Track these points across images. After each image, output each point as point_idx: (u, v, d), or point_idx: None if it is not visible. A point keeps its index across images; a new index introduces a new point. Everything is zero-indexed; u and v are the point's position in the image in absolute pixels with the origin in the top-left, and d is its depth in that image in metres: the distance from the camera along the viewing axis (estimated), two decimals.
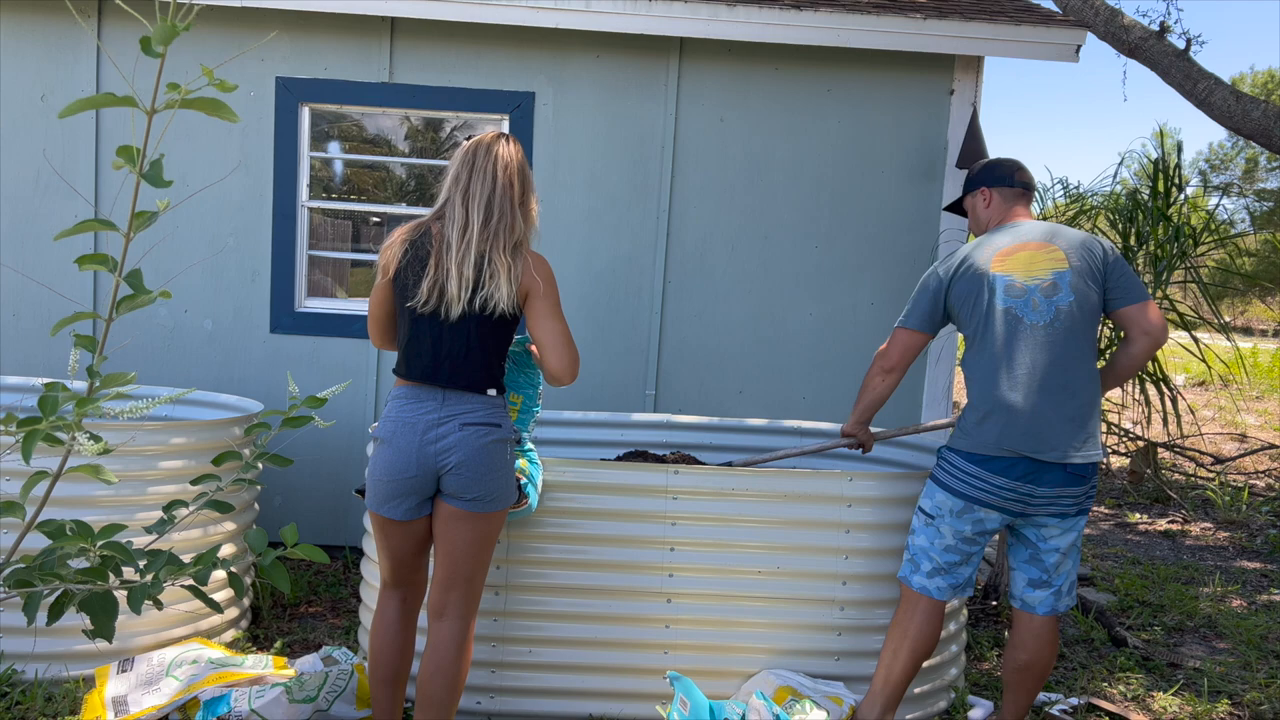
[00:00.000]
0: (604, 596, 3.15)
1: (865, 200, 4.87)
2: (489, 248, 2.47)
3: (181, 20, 1.20)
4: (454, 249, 2.46)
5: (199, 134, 4.67)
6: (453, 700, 2.60)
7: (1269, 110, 5.83)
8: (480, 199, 2.49)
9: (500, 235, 2.49)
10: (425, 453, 2.48)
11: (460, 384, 2.51)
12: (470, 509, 2.53)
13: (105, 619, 1.47)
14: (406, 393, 2.55)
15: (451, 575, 2.58)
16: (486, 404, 2.55)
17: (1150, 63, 6.41)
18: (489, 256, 2.47)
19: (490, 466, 2.51)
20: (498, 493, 2.56)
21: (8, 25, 4.64)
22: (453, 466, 2.48)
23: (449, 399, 2.51)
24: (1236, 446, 9.30)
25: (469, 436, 2.48)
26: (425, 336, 2.52)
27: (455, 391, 2.52)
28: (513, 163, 2.56)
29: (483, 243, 2.47)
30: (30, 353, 4.73)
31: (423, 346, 2.53)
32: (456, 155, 2.58)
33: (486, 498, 2.53)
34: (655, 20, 4.48)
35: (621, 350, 4.87)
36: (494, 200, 2.50)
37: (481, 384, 2.55)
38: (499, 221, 2.49)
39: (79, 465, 1.51)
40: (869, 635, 3.23)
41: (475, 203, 2.49)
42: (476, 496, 2.52)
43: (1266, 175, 20.79)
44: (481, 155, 2.54)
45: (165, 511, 1.70)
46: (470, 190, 2.50)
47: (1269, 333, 31.50)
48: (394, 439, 2.51)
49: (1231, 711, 3.59)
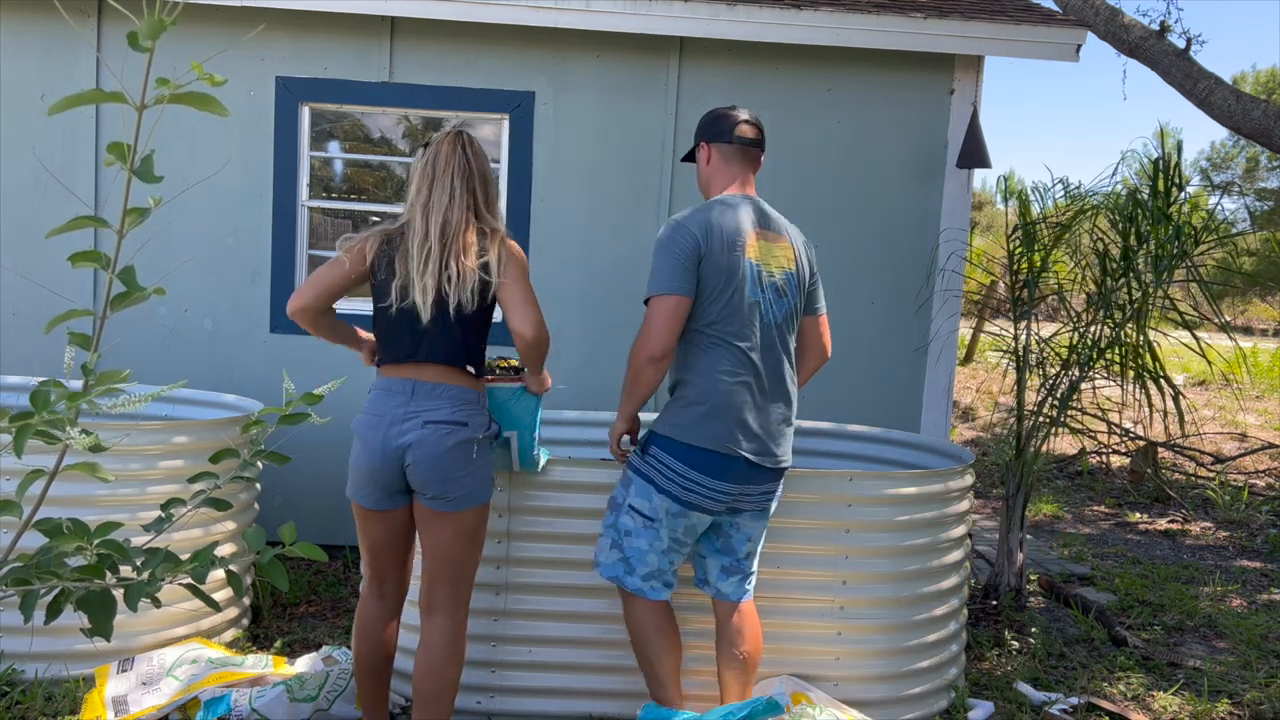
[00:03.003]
0: (604, 596, 3.14)
1: (865, 200, 4.87)
2: (448, 257, 2.54)
3: (169, 15, 1.20)
4: (414, 258, 2.54)
5: (198, 134, 4.67)
6: (447, 698, 2.62)
7: (1269, 110, 5.83)
8: (438, 211, 2.56)
9: (456, 245, 2.55)
10: (389, 447, 2.53)
11: (438, 360, 2.56)
12: (435, 507, 2.57)
13: (103, 617, 1.47)
14: (381, 384, 2.62)
15: (434, 571, 2.63)
16: (456, 400, 2.58)
17: (1150, 62, 6.41)
18: (447, 265, 2.53)
19: (450, 466, 2.54)
20: (460, 492, 2.57)
21: (7, 25, 4.64)
22: (411, 464, 2.53)
23: (419, 392, 2.56)
24: (1236, 446, 9.29)
25: (429, 435, 2.52)
26: (401, 329, 2.59)
27: (428, 383, 2.56)
28: (471, 168, 2.61)
29: (442, 253, 2.54)
30: (30, 351, 4.72)
31: (400, 338, 2.59)
32: (416, 165, 2.64)
33: (448, 496, 2.55)
34: (655, 20, 4.47)
35: (621, 350, 4.82)
36: (452, 210, 2.56)
37: (460, 360, 2.60)
38: (456, 233, 2.55)
39: (76, 464, 1.51)
40: (869, 635, 3.22)
41: (434, 215, 2.55)
42: (437, 495, 2.55)
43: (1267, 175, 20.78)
44: (441, 165, 2.59)
45: (163, 510, 1.69)
46: (430, 203, 2.57)
47: (1269, 332, 31.48)
48: (363, 430, 2.58)
49: (1231, 711, 3.58)
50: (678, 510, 2.69)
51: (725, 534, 2.83)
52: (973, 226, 5.08)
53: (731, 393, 2.66)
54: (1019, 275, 4.52)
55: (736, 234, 2.68)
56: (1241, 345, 4.88)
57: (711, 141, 2.83)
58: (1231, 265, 4.97)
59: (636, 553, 2.75)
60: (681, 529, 2.73)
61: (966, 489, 3.43)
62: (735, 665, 2.87)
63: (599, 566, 2.85)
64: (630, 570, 2.77)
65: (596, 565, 2.86)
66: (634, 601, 2.80)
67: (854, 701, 3.15)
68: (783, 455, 2.78)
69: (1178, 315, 4.29)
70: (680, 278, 2.62)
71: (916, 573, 3.26)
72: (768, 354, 2.72)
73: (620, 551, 2.78)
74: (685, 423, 2.67)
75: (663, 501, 2.70)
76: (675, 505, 2.69)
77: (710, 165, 2.85)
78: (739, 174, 2.83)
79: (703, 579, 2.91)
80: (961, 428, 10.32)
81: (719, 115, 2.85)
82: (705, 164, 2.86)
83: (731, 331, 2.67)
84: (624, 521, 2.78)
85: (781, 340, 2.76)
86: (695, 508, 2.69)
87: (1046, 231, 4.51)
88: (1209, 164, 22.33)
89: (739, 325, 2.67)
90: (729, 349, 2.67)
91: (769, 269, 2.73)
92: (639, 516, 2.74)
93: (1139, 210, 4.23)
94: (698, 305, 2.66)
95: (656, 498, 2.71)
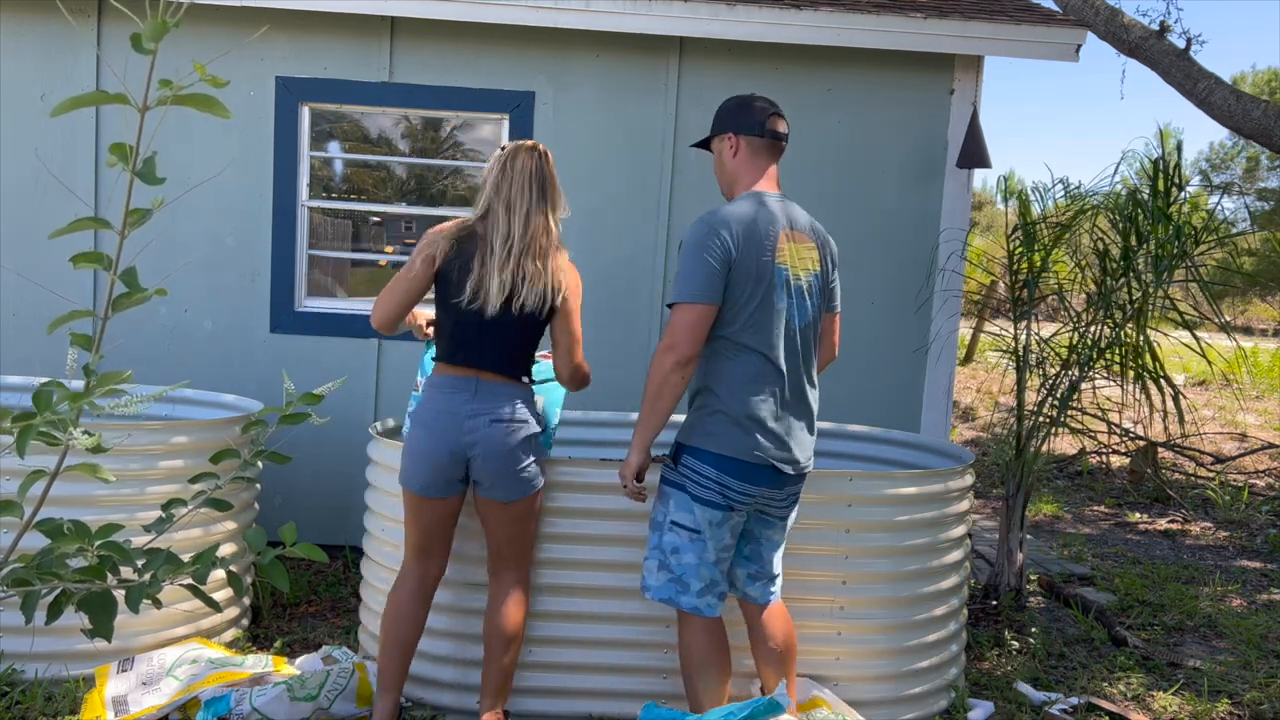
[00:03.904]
0: (604, 596, 3.15)
1: (865, 200, 4.86)
2: (525, 256, 2.72)
3: (172, 17, 1.20)
4: (496, 254, 2.71)
5: (198, 134, 4.67)
6: (512, 649, 2.88)
7: (1269, 110, 5.83)
8: (521, 210, 2.74)
9: (535, 244, 2.74)
10: (460, 442, 2.73)
11: (497, 370, 2.77)
12: (493, 497, 2.80)
13: (104, 618, 1.47)
14: (444, 381, 2.80)
15: (495, 546, 2.91)
16: (516, 397, 2.79)
17: (1150, 62, 6.41)
18: (523, 263, 2.72)
19: (512, 461, 2.75)
20: (517, 483, 2.79)
21: (7, 25, 4.64)
22: (478, 458, 2.74)
23: (482, 390, 2.76)
24: (1236, 446, 9.30)
25: (495, 433, 2.73)
26: (468, 327, 2.75)
27: (489, 381, 2.76)
28: (549, 176, 2.81)
29: (521, 251, 2.72)
30: (30, 352, 4.72)
31: (466, 336, 2.77)
32: (494, 163, 2.81)
33: (507, 487, 2.78)
34: (655, 20, 4.47)
35: (622, 350, 4.86)
36: (532, 213, 2.75)
37: (517, 371, 2.81)
38: (535, 232, 2.74)
39: (77, 464, 1.51)
40: (869, 635, 3.22)
41: (516, 214, 2.73)
42: (496, 485, 2.78)
43: (1267, 175, 20.78)
44: (520, 166, 2.77)
45: (164, 510, 1.69)
46: (512, 202, 2.74)
47: (1269, 332, 31.48)
48: (432, 424, 2.76)
49: (1231, 711, 3.58)
50: (720, 518, 2.65)
51: (754, 541, 2.82)
52: (973, 226, 5.08)
53: (757, 402, 2.61)
54: (1019, 275, 4.52)
55: (767, 236, 2.60)
56: (1242, 345, 4.87)
57: (741, 133, 2.71)
58: (1231, 265, 4.97)
59: (688, 569, 2.68)
60: (727, 534, 2.70)
61: (966, 489, 3.43)
62: (772, 659, 2.87)
63: (648, 591, 2.75)
64: (684, 589, 2.69)
65: (646, 590, 2.76)
66: (690, 622, 2.72)
67: (854, 701, 3.15)
68: (806, 460, 2.75)
69: (1178, 315, 4.29)
70: (710, 285, 2.54)
71: (916, 573, 3.26)
72: (791, 360, 2.67)
73: (669, 571, 2.70)
74: (713, 431, 2.62)
75: (704, 512, 2.65)
76: (717, 513, 2.64)
77: (737, 158, 2.72)
78: (765, 168, 2.72)
79: (730, 583, 2.88)
80: (961, 428, 10.32)
81: (747, 105, 2.74)
82: (731, 156, 2.73)
83: (757, 339, 2.60)
84: (669, 540, 2.70)
85: (804, 344, 2.71)
86: (734, 509, 2.67)
87: (1046, 231, 4.51)
88: (1209, 164, 22.33)
89: (765, 333, 2.61)
90: (754, 356, 2.62)
91: (795, 272, 2.66)
92: (684, 531, 2.67)
93: (1139, 210, 4.23)
94: (723, 310, 2.59)
95: (698, 509, 2.65)
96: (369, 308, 2.78)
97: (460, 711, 3.16)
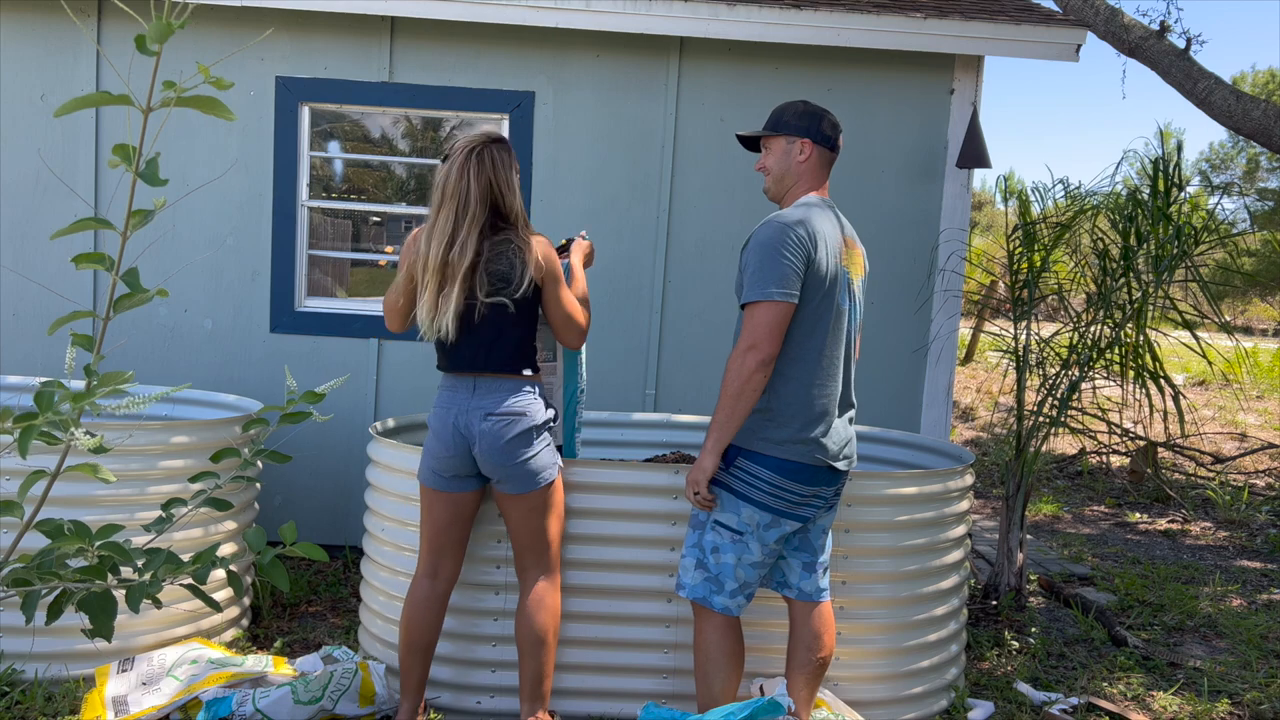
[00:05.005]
0: (605, 596, 3.15)
1: (865, 200, 4.86)
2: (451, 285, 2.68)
3: (176, 19, 1.20)
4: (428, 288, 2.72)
5: (198, 134, 4.67)
6: (542, 650, 2.88)
7: (1269, 110, 5.83)
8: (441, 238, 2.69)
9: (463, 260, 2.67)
10: (458, 439, 2.78)
11: (493, 368, 2.78)
12: (505, 489, 2.83)
13: (104, 618, 1.47)
14: (447, 382, 2.85)
15: (519, 543, 2.93)
16: (514, 391, 2.79)
17: (1150, 62, 6.41)
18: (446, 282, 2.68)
19: (511, 454, 2.76)
20: (525, 475, 2.80)
21: (8, 25, 4.64)
22: (478, 454, 2.78)
23: (480, 387, 2.78)
24: (1236, 446, 9.30)
25: (491, 428, 2.75)
26: (447, 345, 2.78)
27: (488, 379, 2.78)
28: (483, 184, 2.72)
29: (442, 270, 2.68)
30: (30, 352, 4.72)
31: (450, 350, 2.80)
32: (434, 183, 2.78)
33: (514, 480, 2.80)
34: (655, 20, 4.48)
35: (621, 350, 4.86)
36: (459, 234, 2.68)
37: (516, 366, 2.81)
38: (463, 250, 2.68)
39: (77, 464, 1.51)
40: (869, 635, 3.23)
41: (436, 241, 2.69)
42: (504, 479, 2.80)
43: (1267, 175, 20.76)
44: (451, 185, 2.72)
45: (164, 510, 1.69)
46: (434, 228, 2.72)
47: (1269, 332, 31.47)
48: (435, 425, 2.83)
49: (1231, 711, 3.58)
50: (768, 520, 2.66)
51: (803, 530, 2.82)
52: (973, 226, 5.08)
53: (822, 407, 2.65)
54: (1019, 275, 4.52)
55: (834, 240, 2.67)
56: (1242, 345, 4.87)
57: (817, 141, 2.77)
58: (1231, 265, 4.97)
59: (725, 569, 2.70)
60: (774, 538, 2.70)
61: (966, 489, 3.43)
62: (809, 669, 2.83)
63: (683, 589, 2.78)
64: (719, 588, 2.71)
65: (680, 588, 2.79)
66: (712, 620, 2.74)
67: (854, 701, 3.16)
68: (855, 456, 2.82)
69: (1178, 315, 4.29)
70: (790, 283, 2.54)
71: (916, 573, 3.26)
72: (847, 362, 2.74)
73: (706, 570, 2.72)
74: (775, 436, 2.62)
75: (753, 513, 2.65)
76: (766, 515, 2.65)
77: (806, 163, 2.77)
78: (824, 178, 2.82)
79: (782, 581, 2.87)
80: (961, 428, 10.32)
81: (822, 116, 2.78)
82: (802, 160, 2.76)
83: (823, 341, 2.64)
84: (709, 539, 2.72)
85: (850, 345, 2.77)
86: (786, 515, 2.67)
87: (1046, 231, 4.51)
88: (1209, 164, 22.32)
89: (831, 335, 2.65)
90: (819, 359, 2.64)
91: (852, 276, 2.75)
92: (726, 531, 2.69)
93: (1139, 210, 4.23)
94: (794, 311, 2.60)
95: (745, 510, 2.66)
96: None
97: (460, 711, 3.16)
